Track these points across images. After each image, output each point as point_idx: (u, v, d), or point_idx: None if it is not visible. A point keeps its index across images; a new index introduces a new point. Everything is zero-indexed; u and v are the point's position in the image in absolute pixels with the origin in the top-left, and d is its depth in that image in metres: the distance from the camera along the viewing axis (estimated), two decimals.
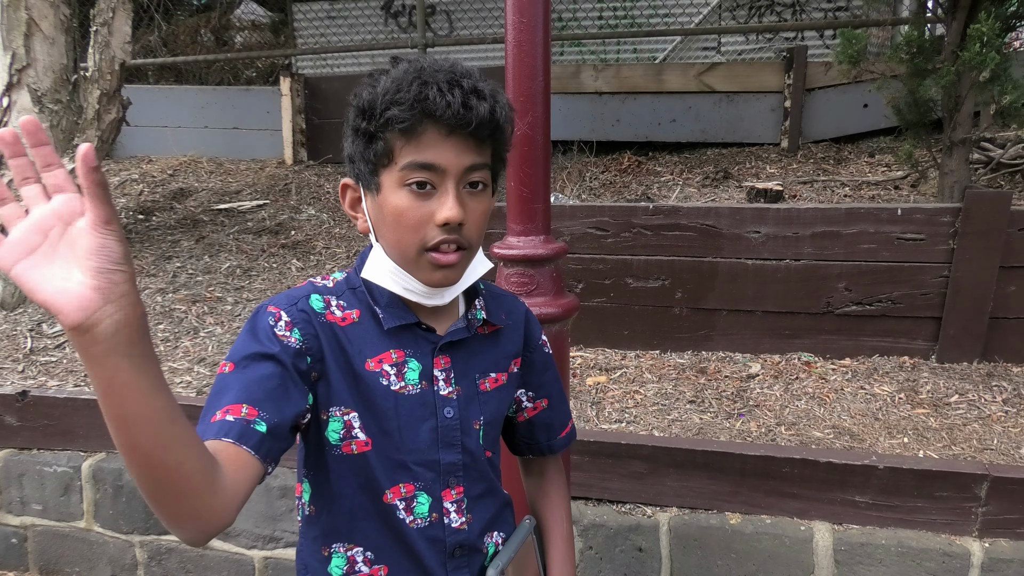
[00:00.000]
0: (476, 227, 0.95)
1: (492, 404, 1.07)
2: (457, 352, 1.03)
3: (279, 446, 0.89)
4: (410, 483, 1.00)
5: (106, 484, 2.50)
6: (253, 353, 0.90)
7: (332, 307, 1.00)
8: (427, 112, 0.88)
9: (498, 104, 0.92)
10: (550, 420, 1.18)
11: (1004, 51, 2.88)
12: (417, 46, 5.24)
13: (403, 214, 0.93)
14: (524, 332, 1.13)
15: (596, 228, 2.93)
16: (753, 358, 2.91)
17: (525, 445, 1.19)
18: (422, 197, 0.92)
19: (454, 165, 0.91)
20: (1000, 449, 2.24)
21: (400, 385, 0.99)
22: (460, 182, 0.93)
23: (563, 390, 1.21)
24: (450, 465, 1.02)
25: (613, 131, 5.20)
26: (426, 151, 0.90)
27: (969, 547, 1.96)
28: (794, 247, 2.80)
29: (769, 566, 2.04)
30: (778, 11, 5.53)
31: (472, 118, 0.89)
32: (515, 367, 1.11)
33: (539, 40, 1.48)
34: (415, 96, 0.89)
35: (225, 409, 0.86)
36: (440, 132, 0.90)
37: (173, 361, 2.99)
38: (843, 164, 4.51)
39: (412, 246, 0.93)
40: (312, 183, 5.08)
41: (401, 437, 0.99)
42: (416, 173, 0.91)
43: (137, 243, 4.15)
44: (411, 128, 0.90)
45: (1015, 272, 2.67)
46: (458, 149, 0.91)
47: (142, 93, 5.71)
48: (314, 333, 0.96)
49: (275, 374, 0.90)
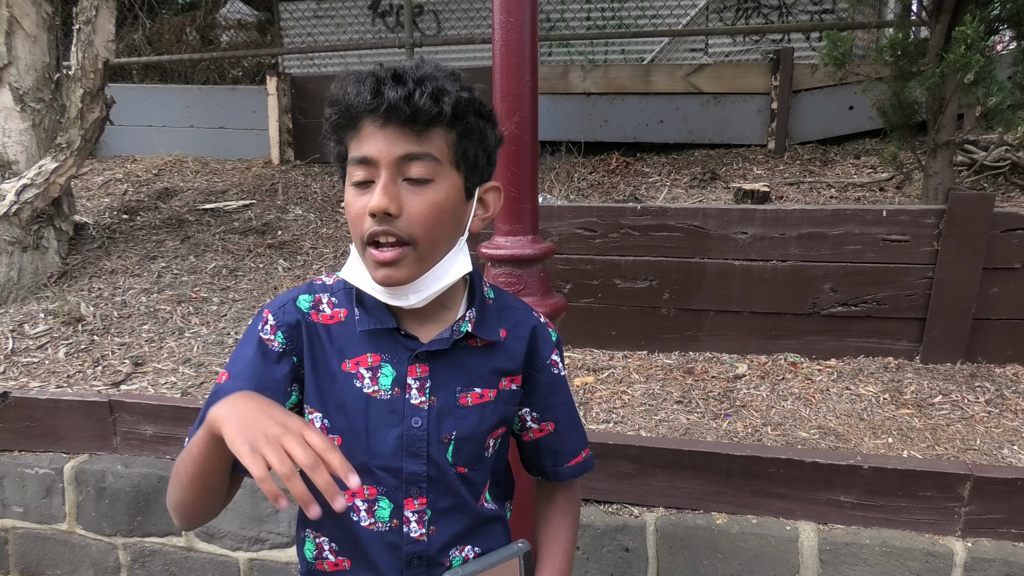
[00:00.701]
0: (419, 220, 0.92)
1: (471, 420, 1.03)
2: (439, 362, 1.01)
3: None
4: (373, 486, 1.00)
5: (89, 486, 2.47)
6: (243, 365, 0.99)
7: (322, 305, 1.02)
8: (347, 105, 0.90)
9: (420, 88, 0.89)
10: (556, 446, 1.14)
11: (988, 54, 2.91)
12: (404, 46, 5.22)
13: (348, 207, 0.95)
14: (527, 349, 1.08)
15: (584, 229, 2.93)
16: (740, 359, 2.92)
17: (532, 466, 1.17)
18: (362, 190, 0.93)
19: (385, 155, 0.90)
20: (983, 449, 2.26)
21: (373, 389, 1.00)
22: (395, 174, 0.91)
23: (575, 418, 1.16)
24: (413, 475, 1.01)
25: (601, 132, 5.21)
26: (363, 144, 0.91)
27: (952, 547, 1.97)
28: (781, 248, 2.81)
29: (755, 566, 2.04)
30: (765, 13, 5.56)
31: (380, 103, 0.88)
32: (512, 384, 1.07)
33: (526, 40, 1.48)
34: (341, 93, 0.91)
35: None
36: (375, 125, 0.90)
37: (158, 362, 2.97)
38: (829, 166, 4.54)
39: (358, 241, 0.95)
40: (299, 183, 5.05)
41: (368, 440, 1.00)
42: (356, 168, 0.92)
43: (121, 243, 4.11)
44: (349, 124, 0.92)
45: (998, 273, 2.69)
46: (390, 139, 0.90)
47: (126, 92, 5.66)
48: (297, 334, 1.00)
49: (259, 388, 0.96)
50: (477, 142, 0.96)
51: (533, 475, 1.18)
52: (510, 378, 1.06)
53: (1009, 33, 3.31)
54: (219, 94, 5.97)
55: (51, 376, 2.86)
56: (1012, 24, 3.02)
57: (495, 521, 1.11)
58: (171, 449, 2.46)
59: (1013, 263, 2.67)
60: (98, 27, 3.72)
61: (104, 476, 2.45)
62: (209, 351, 3.05)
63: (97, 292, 3.58)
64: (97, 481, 2.46)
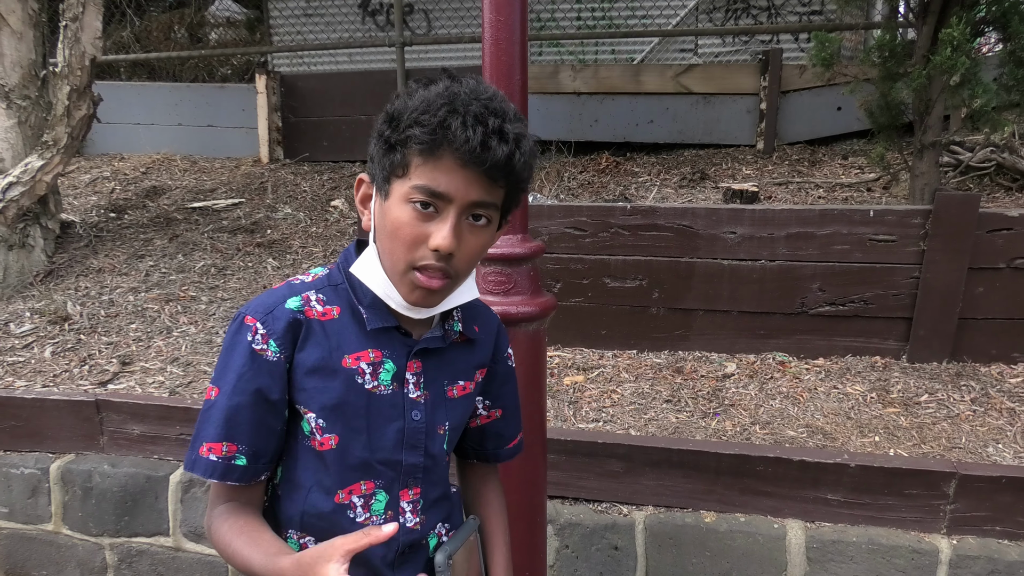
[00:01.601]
0: (467, 259, 0.96)
1: (458, 411, 1.10)
2: (429, 358, 1.06)
3: (264, 461, 1.01)
4: (371, 481, 1.03)
5: (75, 486, 2.45)
6: (235, 379, 0.98)
7: (312, 303, 1.02)
8: (445, 140, 0.89)
9: (519, 150, 0.92)
10: (501, 430, 1.21)
11: (974, 56, 2.93)
12: (394, 44, 5.21)
13: (401, 228, 0.94)
14: (494, 344, 1.16)
15: (574, 228, 2.94)
16: (729, 358, 2.93)
17: (472, 450, 1.22)
18: (423, 217, 0.93)
19: (461, 196, 0.92)
20: (968, 448, 2.28)
21: (373, 384, 1.02)
22: (463, 213, 0.93)
23: (518, 403, 1.24)
24: (411, 467, 1.05)
25: (591, 131, 5.22)
26: (438, 177, 0.91)
27: (938, 544, 1.99)
28: (769, 248, 2.83)
29: (743, 564, 2.05)
30: (754, 14, 5.58)
31: (487, 158, 0.89)
32: (480, 376, 1.14)
33: (516, 39, 1.48)
34: (439, 122, 0.89)
35: (208, 446, 0.98)
36: (456, 162, 0.90)
37: (146, 361, 2.95)
38: (817, 166, 4.57)
39: (401, 261, 0.95)
40: (288, 182, 5.03)
41: (369, 435, 1.02)
42: (420, 194, 0.92)
43: (109, 242, 4.08)
44: (428, 151, 0.91)
45: (983, 273, 2.72)
46: (469, 182, 0.92)
47: (114, 90, 5.61)
48: (289, 339, 1.00)
49: (253, 402, 0.98)
50: (522, 193, 1.01)
51: (468, 459, 1.24)
52: (480, 371, 1.14)
53: (995, 35, 3.34)
54: (208, 92, 5.93)
55: (37, 375, 2.84)
56: (997, 26, 3.05)
57: (458, 503, 1.20)
58: (158, 448, 2.45)
59: (998, 263, 2.70)
60: (85, 24, 3.69)
61: (91, 476, 2.43)
62: (197, 350, 3.04)
63: (84, 291, 3.55)
64: (84, 481, 2.44)
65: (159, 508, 2.40)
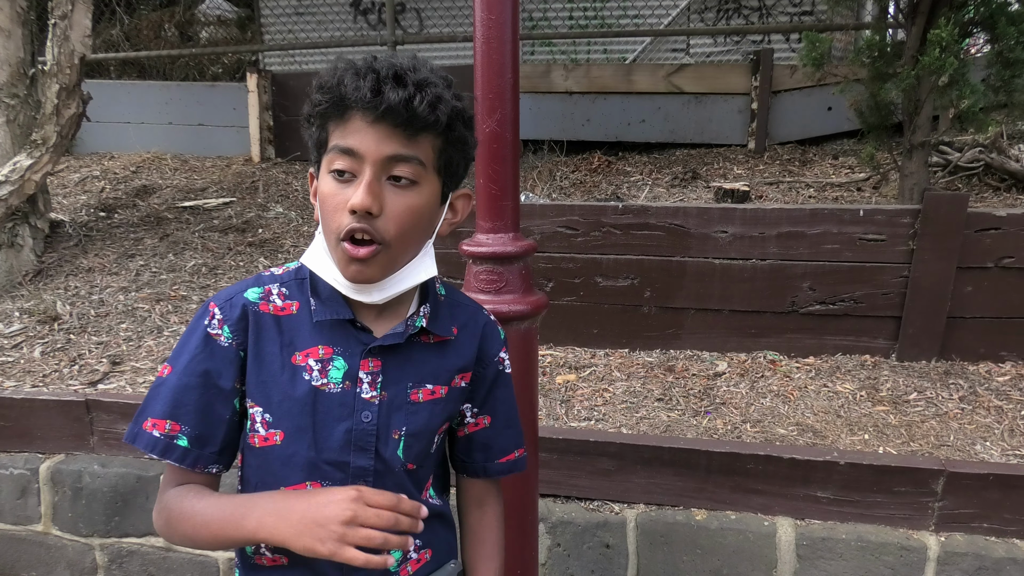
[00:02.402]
0: (396, 223, 0.92)
1: (422, 416, 1.02)
2: (392, 357, 1.01)
3: (210, 450, 0.98)
4: (318, 481, 0.99)
5: (65, 486, 2.44)
6: (187, 360, 0.97)
7: (272, 296, 1.01)
8: (341, 96, 0.89)
9: (421, 93, 0.88)
10: (489, 440, 1.12)
11: (962, 57, 2.95)
12: (386, 43, 5.20)
13: (325, 200, 0.93)
14: (478, 347, 1.08)
15: (566, 227, 2.94)
16: (720, 356, 2.95)
17: (460, 462, 1.15)
18: (342, 183, 0.91)
19: (373, 152, 0.90)
20: (956, 445, 2.30)
21: (322, 382, 0.98)
22: (380, 172, 0.91)
23: (514, 416, 1.15)
24: (360, 469, 0.99)
25: (583, 131, 5.23)
26: (349, 136, 0.90)
27: (926, 541, 2.01)
28: (760, 247, 2.84)
29: (734, 561, 2.06)
30: (745, 14, 5.60)
31: (379, 103, 0.87)
32: (462, 382, 1.07)
33: (507, 37, 1.48)
34: (335, 80, 0.89)
35: (153, 422, 0.97)
36: (365, 119, 0.89)
37: (136, 361, 2.93)
38: (808, 166, 4.59)
39: (331, 233, 0.93)
40: (280, 180, 5.01)
41: (315, 434, 0.98)
42: (338, 158, 0.91)
43: (99, 241, 4.06)
44: (337, 113, 0.90)
45: (971, 273, 2.74)
46: (380, 137, 0.89)
47: (104, 88, 5.58)
48: (243, 328, 0.98)
49: (202, 384, 0.97)
50: (460, 150, 0.97)
51: (460, 472, 1.16)
52: (461, 375, 1.06)
53: (983, 36, 3.36)
54: (198, 91, 5.91)
55: (26, 375, 2.82)
56: (985, 27, 3.08)
57: (439, 516, 1.10)
58: None
59: (986, 263, 2.72)
60: (74, 22, 3.67)
61: (80, 476, 2.42)
62: None
63: (74, 290, 3.53)
64: (73, 481, 2.43)
65: (149, 508, 2.39)
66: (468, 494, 1.17)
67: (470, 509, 1.17)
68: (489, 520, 1.16)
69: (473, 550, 1.15)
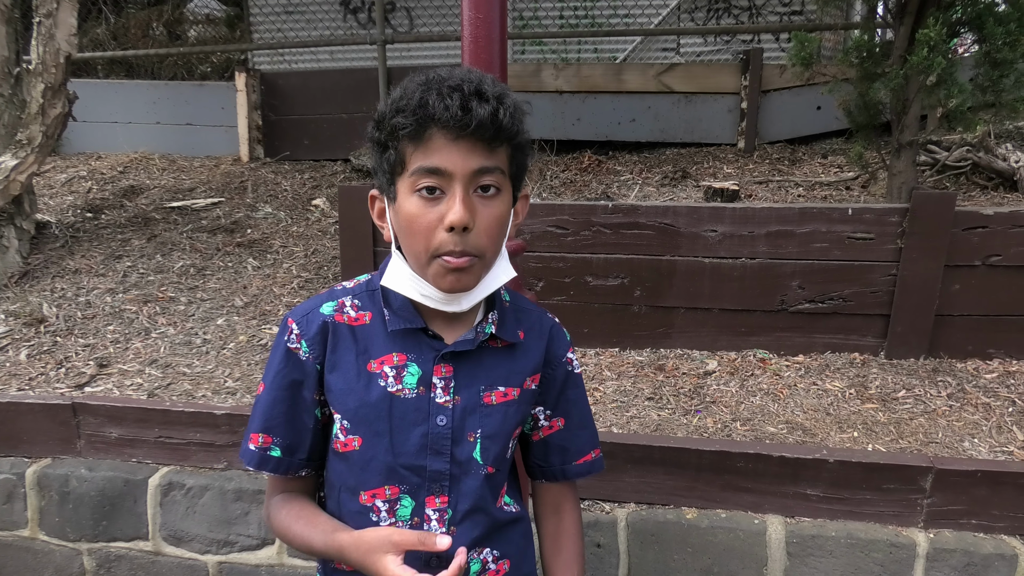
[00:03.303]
0: (487, 233, 0.95)
1: (496, 418, 1.05)
2: (463, 363, 1.04)
3: (300, 457, 1.07)
4: (395, 485, 1.03)
5: (52, 491, 2.42)
6: (273, 376, 1.05)
7: (346, 308, 1.05)
8: (428, 116, 0.90)
9: (503, 106, 0.92)
10: (565, 442, 1.15)
11: (950, 56, 2.97)
12: (376, 42, 5.19)
13: (413, 220, 0.94)
14: (546, 348, 1.12)
15: (556, 227, 2.94)
16: (710, 355, 2.95)
17: (538, 467, 1.17)
18: (431, 202, 0.93)
19: (460, 168, 0.91)
20: (944, 442, 2.31)
21: (397, 388, 1.02)
22: (469, 186, 0.93)
23: (587, 417, 1.18)
24: (436, 473, 1.03)
25: (574, 130, 5.22)
26: (432, 155, 0.91)
27: (915, 538, 2.02)
28: (750, 246, 2.85)
29: (724, 559, 2.07)
30: (735, 14, 5.62)
31: (471, 120, 0.89)
32: (532, 384, 1.10)
33: (495, 36, 1.48)
34: (417, 102, 0.90)
35: (252, 437, 1.06)
36: (447, 137, 0.90)
37: (123, 363, 2.91)
38: (797, 165, 4.61)
39: (423, 253, 0.95)
40: (269, 180, 4.99)
41: (392, 439, 1.02)
42: (424, 178, 0.92)
43: (85, 242, 4.02)
44: (416, 134, 0.91)
45: (959, 271, 2.75)
46: (464, 152, 0.91)
47: (91, 88, 5.54)
48: (320, 341, 1.04)
49: (288, 397, 1.04)
50: (526, 155, 1.01)
51: (537, 478, 1.18)
52: (531, 378, 1.10)
53: (970, 36, 3.38)
54: (186, 90, 5.87)
55: (12, 379, 2.80)
56: (972, 27, 3.09)
57: (516, 523, 1.12)
58: (137, 451, 2.42)
59: (973, 261, 2.74)
60: (59, 20, 3.64)
61: (68, 480, 2.40)
62: (176, 351, 3.01)
63: (60, 292, 3.50)
64: (60, 486, 2.41)
65: (138, 512, 2.37)
66: (544, 500, 1.20)
67: (547, 515, 1.19)
68: (567, 526, 1.18)
69: (552, 558, 1.17)
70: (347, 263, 3.09)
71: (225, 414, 2.33)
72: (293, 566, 2.30)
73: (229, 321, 3.26)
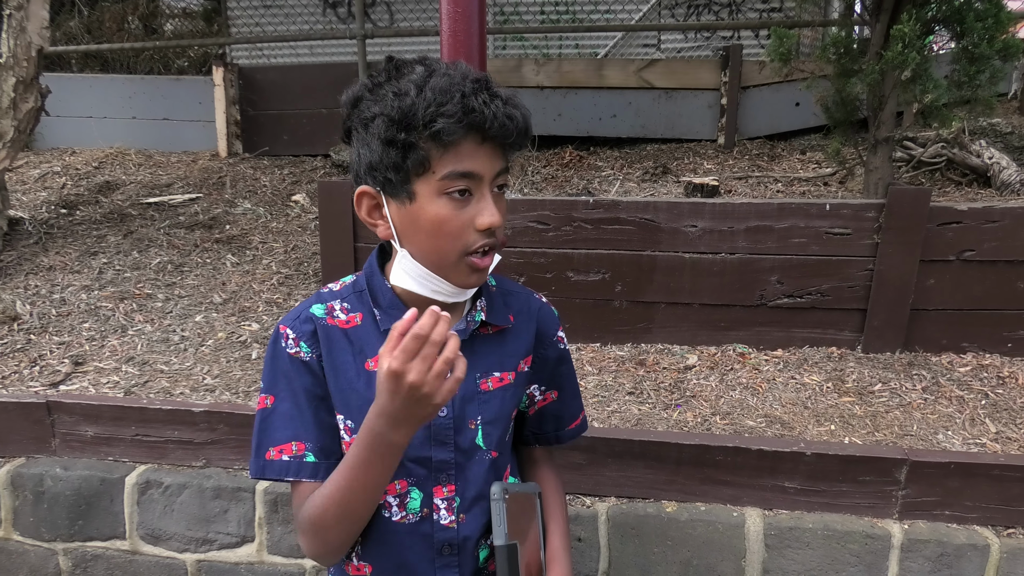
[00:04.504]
0: (502, 228, 0.99)
1: (494, 403, 1.07)
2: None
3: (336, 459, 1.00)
4: (404, 479, 1.04)
5: (26, 490, 2.38)
6: (286, 384, 1.02)
7: (336, 311, 1.05)
8: (474, 124, 0.91)
9: (522, 112, 0.96)
10: (559, 411, 1.21)
11: (924, 52, 3.00)
12: (356, 37, 5.15)
13: (445, 222, 0.95)
14: (536, 329, 1.14)
15: (537, 222, 2.94)
16: (690, 350, 2.97)
17: (533, 435, 1.23)
18: (462, 204, 0.95)
19: (488, 172, 0.95)
20: (919, 435, 2.35)
21: None
22: (492, 186, 0.97)
23: (576, 384, 1.24)
24: (441, 463, 1.04)
25: (555, 125, 5.23)
26: (465, 160, 0.93)
27: (890, 529, 2.04)
28: (729, 241, 2.86)
29: (703, 552, 2.08)
30: (715, 10, 5.65)
31: (513, 129, 0.93)
32: (525, 366, 1.12)
33: (474, 31, 1.47)
34: (462, 108, 0.90)
35: (279, 448, 1.02)
36: (476, 141, 0.93)
37: (99, 361, 2.87)
38: (776, 160, 4.65)
39: (452, 252, 0.96)
40: (248, 176, 4.94)
41: None
42: (457, 182, 0.93)
43: (60, 238, 3.96)
44: (452, 139, 0.92)
45: (934, 266, 2.79)
46: (490, 156, 0.95)
47: (64, 82, 5.45)
48: (316, 341, 1.04)
49: (308, 401, 1.02)
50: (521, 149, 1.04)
51: (530, 444, 1.24)
52: (524, 360, 1.12)
53: (946, 33, 3.42)
54: (163, 85, 5.79)
55: None
56: (947, 24, 3.13)
57: None
58: (113, 450, 2.39)
59: (948, 256, 2.78)
60: (31, 13, 3.57)
61: (42, 480, 2.36)
62: (154, 349, 2.97)
63: (34, 289, 3.45)
64: (35, 485, 2.37)
65: (115, 511, 2.34)
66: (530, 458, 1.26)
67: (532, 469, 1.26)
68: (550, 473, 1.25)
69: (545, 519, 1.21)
70: (327, 259, 3.07)
71: (204, 411, 2.30)
72: (273, 563, 2.29)
73: (208, 318, 3.23)
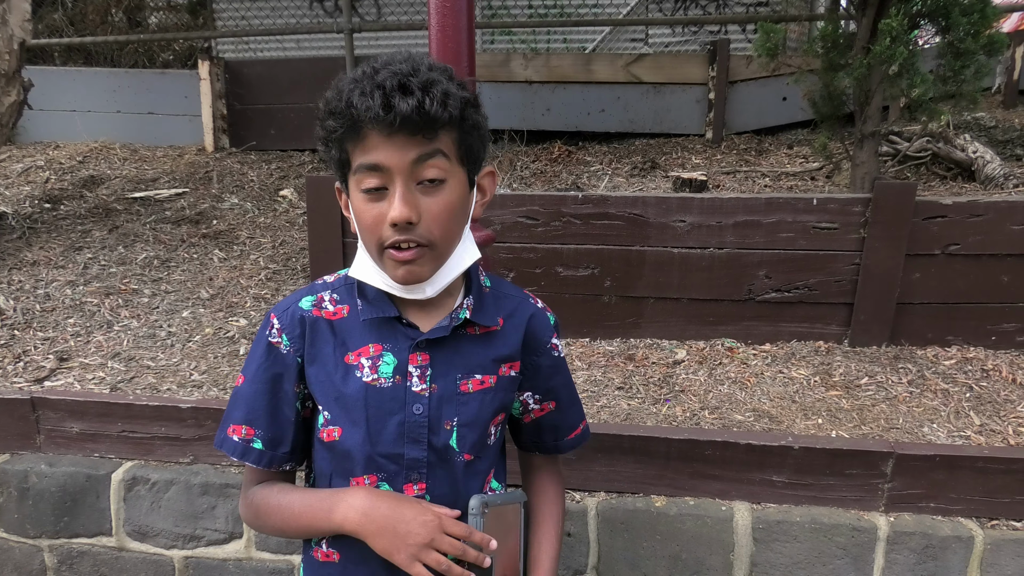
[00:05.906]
0: (437, 223, 0.94)
1: (472, 406, 1.06)
2: (439, 350, 1.04)
3: (283, 451, 1.08)
4: (373, 474, 1.04)
5: (10, 487, 2.36)
6: (255, 369, 1.06)
7: (325, 303, 1.06)
8: (355, 118, 0.89)
9: (428, 95, 0.89)
10: (557, 422, 1.19)
11: (911, 47, 3.02)
12: (343, 31, 5.12)
13: (362, 215, 0.95)
14: (524, 336, 1.11)
15: (526, 217, 2.94)
16: (679, 344, 2.98)
17: (532, 443, 1.22)
18: (375, 199, 0.94)
19: (398, 162, 0.91)
20: (905, 428, 2.37)
21: (373, 378, 1.02)
22: (409, 179, 0.92)
23: (574, 394, 1.22)
24: (413, 461, 1.04)
25: (543, 120, 5.22)
26: (370, 152, 0.91)
27: (876, 521, 2.06)
28: (717, 236, 2.87)
29: (692, 546, 2.10)
30: (703, 5, 5.65)
31: (394, 117, 0.88)
32: (511, 371, 1.10)
33: (463, 25, 1.46)
34: (345, 103, 0.90)
35: (233, 427, 1.07)
36: (382, 134, 0.90)
37: (84, 356, 2.85)
38: (764, 155, 4.66)
39: (373, 246, 0.96)
40: (235, 171, 4.90)
41: (369, 428, 1.02)
42: (366, 175, 0.92)
43: (44, 233, 3.92)
44: (351, 134, 0.91)
45: (919, 260, 2.81)
46: (400, 146, 0.91)
47: (48, 75, 5.39)
48: (300, 334, 1.05)
49: (269, 390, 1.05)
50: (476, 135, 0.99)
51: (529, 451, 1.23)
52: (508, 364, 1.10)
53: (931, 27, 3.44)
54: (148, 78, 5.73)
55: None
56: (933, 19, 3.14)
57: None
58: (99, 446, 2.37)
59: (933, 249, 2.80)
60: (13, 5, 3.52)
61: (27, 476, 2.34)
62: (140, 344, 2.95)
63: (18, 285, 3.41)
64: (20, 482, 2.35)
65: (101, 507, 2.33)
66: (532, 464, 1.25)
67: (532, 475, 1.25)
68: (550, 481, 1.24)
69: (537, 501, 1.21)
70: (316, 254, 3.06)
71: (191, 407, 2.29)
72: (261, 559, 2.28)
73: (195, 313, 3.20)
